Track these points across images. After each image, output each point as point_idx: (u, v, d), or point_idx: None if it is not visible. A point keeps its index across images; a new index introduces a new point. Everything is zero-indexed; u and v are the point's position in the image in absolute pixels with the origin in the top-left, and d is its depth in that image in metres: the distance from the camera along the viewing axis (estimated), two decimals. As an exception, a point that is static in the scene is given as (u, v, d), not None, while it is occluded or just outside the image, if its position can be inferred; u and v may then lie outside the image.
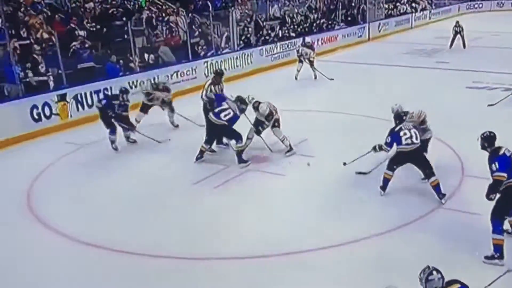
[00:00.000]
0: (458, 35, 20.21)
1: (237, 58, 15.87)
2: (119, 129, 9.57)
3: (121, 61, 12.95)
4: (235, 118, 8.62)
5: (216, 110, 8.66)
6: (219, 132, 8.85)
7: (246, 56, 16.20)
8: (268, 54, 17.33)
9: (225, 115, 8.54)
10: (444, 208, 6.97)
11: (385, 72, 16.14)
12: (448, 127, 9.45)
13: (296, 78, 15.14)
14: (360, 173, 8.02)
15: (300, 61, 15.21)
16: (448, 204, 7.04)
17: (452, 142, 9.01)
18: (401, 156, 7.14)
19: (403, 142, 7.00)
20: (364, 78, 15.34)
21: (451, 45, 20.31)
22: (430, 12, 31.04)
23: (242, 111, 8.75)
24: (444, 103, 11.74)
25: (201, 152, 8.75)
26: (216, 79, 9.81)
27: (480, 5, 36.59)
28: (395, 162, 7.21)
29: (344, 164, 8.11)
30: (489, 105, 11.45)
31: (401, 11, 28.45)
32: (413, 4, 29.97)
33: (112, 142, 9.49)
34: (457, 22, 20.74)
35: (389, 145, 7.18)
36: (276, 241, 6.26)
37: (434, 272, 4.15)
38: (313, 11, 22.31)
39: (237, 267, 5.85)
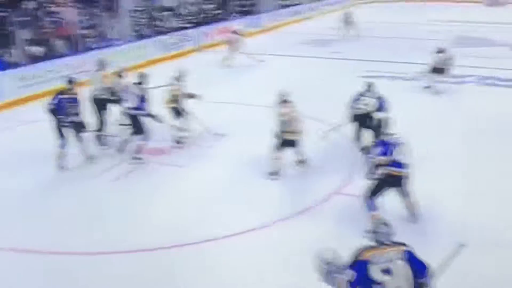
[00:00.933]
0: (349, 25, 21.84)
1: (129, 50, 16.17)
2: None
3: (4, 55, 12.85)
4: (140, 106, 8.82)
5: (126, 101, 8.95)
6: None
7: (139, 48, 16.52)
8: (161, 45, 17.76)
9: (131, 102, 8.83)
10: (341, 194, 7.66)
11: (281, 62, 17.14)
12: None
13: (227, 65, 16.28)
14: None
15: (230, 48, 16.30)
16: (347, 190, 7.75)
17: (347, 130, 9.71)
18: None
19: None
20: (260, 68, 16.27)
21: (343, 34, 21.86)
22: (324, 2, 32.79)
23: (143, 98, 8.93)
24: (339, 92, 12.72)
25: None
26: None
27: (372, -4, 39.15)
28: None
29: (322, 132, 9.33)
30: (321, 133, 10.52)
31: (296, 1, 29.93)
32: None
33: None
34: (348, 11, 22.39)
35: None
36: (177, 232, 6.67)
37: (382, 226, 4.28)
38: (207, 1, 22.94)
39: (137, 259, 6.16)
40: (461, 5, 34.89)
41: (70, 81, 8.79)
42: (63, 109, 8.44)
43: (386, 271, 4.03)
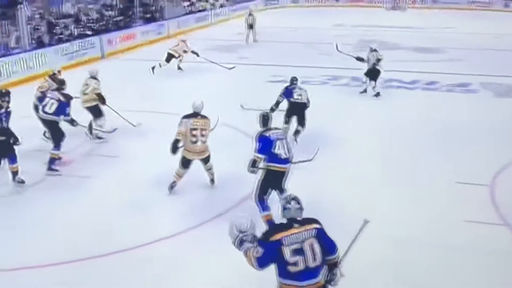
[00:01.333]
0: (251, 29, 22.51)
1: (29, 58, 15.62)
2: None
3: None
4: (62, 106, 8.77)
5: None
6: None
7: (39, 56, 16.00)
8: (64, 53, 17.28)
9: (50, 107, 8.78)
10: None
11: (189, 69, 17.16)
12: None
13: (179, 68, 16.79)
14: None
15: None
16: None
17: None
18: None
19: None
20: (165, 75, 16.18)
21: (247, 39, 22.36)
22: (229, 8, 33.21)
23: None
24: (248, 97, 13.03)
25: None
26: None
27: (277, 1, 40.14)
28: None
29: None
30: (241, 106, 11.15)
31: (200, 8, 30.11)
32: (212, 1, 31.88)
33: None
34: (250, 13, 22.96)
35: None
36: (70, 248, 6.51)
37: (292, 202, 4.40)
38: (109, 8, 22.62)
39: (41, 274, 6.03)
40: (364, 10, 36.57)
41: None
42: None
43: (298, 252, 4.17)
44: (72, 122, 8.92)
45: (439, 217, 7.35)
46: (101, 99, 10.08)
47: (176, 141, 7.66)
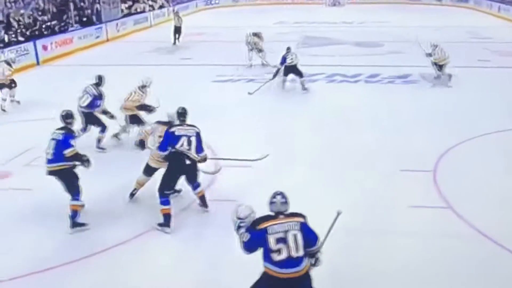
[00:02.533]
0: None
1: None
2: None
3: None
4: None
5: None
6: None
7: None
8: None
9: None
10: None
11: (129, 72, 16.94)
12: (204, 119, 10.79)
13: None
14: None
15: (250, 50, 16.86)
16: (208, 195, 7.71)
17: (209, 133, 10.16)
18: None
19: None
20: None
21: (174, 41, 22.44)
22: (168, 9, 33.04)
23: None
24: (196, 97, 13.07)
25: None
26: None
27: (218, 1, 40.23)
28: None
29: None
30: (249, 93, 13.51)
31: (139, 9, 29.85)
32: (151, 2, 31.66)
33: None
34: (176, 13, 23.11)
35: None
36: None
37: (278, 196, 4.82)
38: (41, 12, 22.15)
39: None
40: (304, 6, 37.10)
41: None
42: None
43: (281, 240, 4.57)
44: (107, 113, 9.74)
45: (385, 204, 7.61)
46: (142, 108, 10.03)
47: (141, 141, 7.67)
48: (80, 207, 7.01)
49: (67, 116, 7.08)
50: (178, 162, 6.99)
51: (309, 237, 4.67)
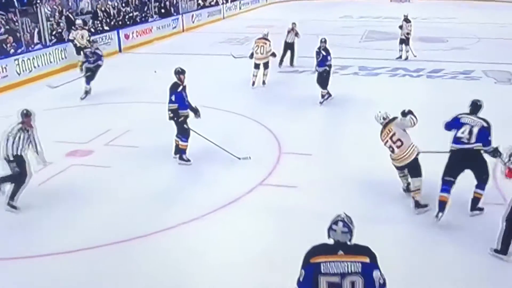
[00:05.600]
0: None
1: (50, 53, 15.78)
2: None
3: None
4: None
5: None
6: None
7: (59, 51, 16.15)
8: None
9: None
10: (265, 185, 7.82)
11: (204, 61, 17.28)
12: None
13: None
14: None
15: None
16: (269, 180, 7.96)
17: (269, 123, 10.31)
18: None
19: None
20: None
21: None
22: (240, 2, 33.26)
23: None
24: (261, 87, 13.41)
25: None
26: None
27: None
28: None
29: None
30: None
31: (212, 2, 30.20)
32: (223, -4, 31.98)
33: None
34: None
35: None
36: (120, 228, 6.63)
37: (340, 224, 3.62)
38: (125, 4, 22.76)
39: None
40: (369, 1, 36.42)
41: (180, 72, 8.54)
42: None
43: (335, 287, 3.50)
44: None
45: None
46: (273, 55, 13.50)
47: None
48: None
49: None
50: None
51: (373, 285, 3.50)
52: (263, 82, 13.38)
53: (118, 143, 9.63)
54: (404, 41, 16.58)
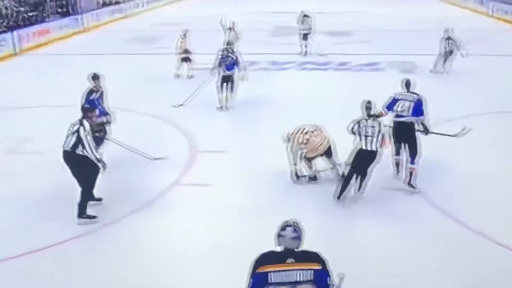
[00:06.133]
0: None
1: None
2: None
3: None
4: None
5: None
6: None
7: None
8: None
9: None
10: (179, 184, 8.00)
11: (108, 61, 17.05)
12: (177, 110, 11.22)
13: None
14: None
15: None
16: (183, 179, 8.15)
17: (183, 123, 10.49)
18: None
19: None
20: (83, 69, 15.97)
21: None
22: (143, 1, 32.93)
23: None
24: (174, 87, 13.50)
25: None
26: None
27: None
28: None
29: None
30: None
31: (113, 0, 29.78)
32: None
33: None
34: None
35: None
36: None
37: (288, 229, 3.60)
38: (20, 4, 22.03)
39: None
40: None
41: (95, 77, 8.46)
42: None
43: None
44: None
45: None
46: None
47: None
48: None
49: None
50: None
51: None
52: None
53: (20, 150, 9.44)
54: (305, 36, 17.18)
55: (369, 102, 7.22)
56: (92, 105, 7.85)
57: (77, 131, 6.65)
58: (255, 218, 6.79)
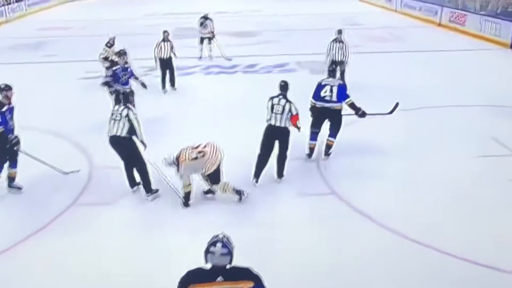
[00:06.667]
0: None
1: None
2: None
3: None
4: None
5: None
6: None
7: None
8: None
9: None
10: (78, 205, 7.47)
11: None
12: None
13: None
14: None
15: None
16: (82, 200, 7.62)
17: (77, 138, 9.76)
18: None
19: None
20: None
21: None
22: (26, 3, 31.05)
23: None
24: (59, 97, 12.67)
25: None
26: None
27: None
28: None
29: None
30: None
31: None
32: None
33: None
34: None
35: None
36: None
37: (218, 245, 3.40)
38: None
39: None
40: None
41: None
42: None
43: None
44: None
45: (273, 195, 7.63)
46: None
47: None
48: None
49: None
50: None
51: None
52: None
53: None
54: (209, 40, 16.53)
55: (283, 81, 7.72)
56: (4, 120, 7.36)
57: (127, 115, 7.17)
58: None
